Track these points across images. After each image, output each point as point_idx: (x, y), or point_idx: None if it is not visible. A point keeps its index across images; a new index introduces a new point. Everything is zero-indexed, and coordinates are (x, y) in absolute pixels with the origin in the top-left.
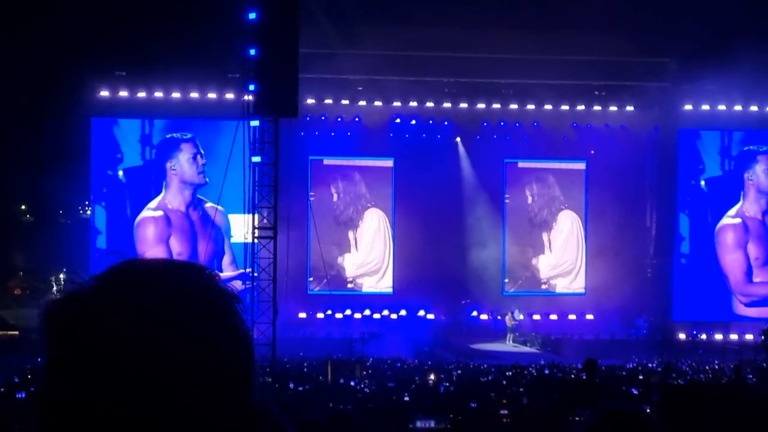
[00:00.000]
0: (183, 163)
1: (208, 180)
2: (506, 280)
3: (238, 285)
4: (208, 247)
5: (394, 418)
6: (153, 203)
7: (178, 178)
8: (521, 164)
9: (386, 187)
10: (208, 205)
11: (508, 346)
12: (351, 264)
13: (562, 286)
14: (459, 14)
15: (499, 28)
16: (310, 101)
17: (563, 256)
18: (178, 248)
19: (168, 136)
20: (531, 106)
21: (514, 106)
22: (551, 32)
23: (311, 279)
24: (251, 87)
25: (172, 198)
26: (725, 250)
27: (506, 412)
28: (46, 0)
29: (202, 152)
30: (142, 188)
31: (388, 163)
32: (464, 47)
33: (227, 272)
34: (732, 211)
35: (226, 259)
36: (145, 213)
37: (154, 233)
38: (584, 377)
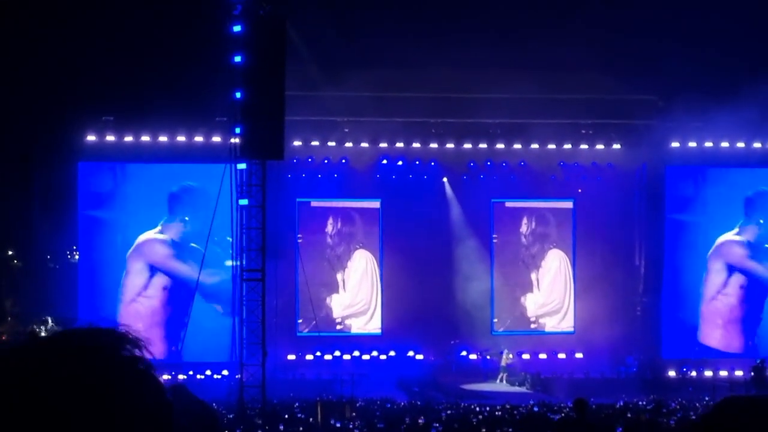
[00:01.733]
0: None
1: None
2: (495, 320)
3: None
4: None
5: None
6: (154, 231)
7: (179, 230)
8: (508, 204)
9: (374, 227)
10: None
11: (500, 385)
12: (339, 305)
13: (550, 325)
14: (444, 55)
15: (486, 69)
16: (297, 143)
17: (551, 295)
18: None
19: (185, 183)
20: (518, 146)
21: (500, 146)
22: (537, 71)
23: (300, 321)
24: (237, 130)
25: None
26: (723, 256)
27: None
28: (33, 45)
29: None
30: (108, 232)
31: (376, 204)
32: (450, 88)
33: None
34: (736, 229)
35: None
36: (150, 234)
37: (153, 254)
38: (574, 416)
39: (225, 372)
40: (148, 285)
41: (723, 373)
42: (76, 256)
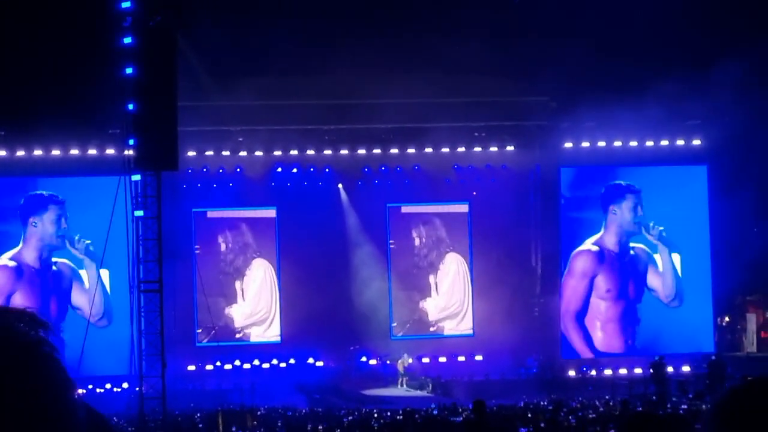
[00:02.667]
0: (46, 223)
1: (64, 246)
2: (394, 324)
3: None
4: (56, 306)
5: None
6: (8, 254)
7: (38, 236)
8: (404, 209)
9: (270, 236)
10: (62, 260)
11: (400, 390)
12: (239, 314)
13: (449, 327)
14: (337, 60)
15: (378, 73)
16: (191, 154)
17: (450, 299)
18: (22, 304)
19: (39, 192)
20: (411, 150)
21: (394, 151)
22: (430, 75)
23: (199, 330)
24: (131, 142)
25: (27, 253)
26: (571, 275)
27: None
28: None
29: (67, 216)
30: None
31: (271, 212)
32: (343, 93)
33: None
34: (592, 239)
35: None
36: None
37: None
38: (473, 418)
39: (125, 385)
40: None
41: (622, 371)
42: None
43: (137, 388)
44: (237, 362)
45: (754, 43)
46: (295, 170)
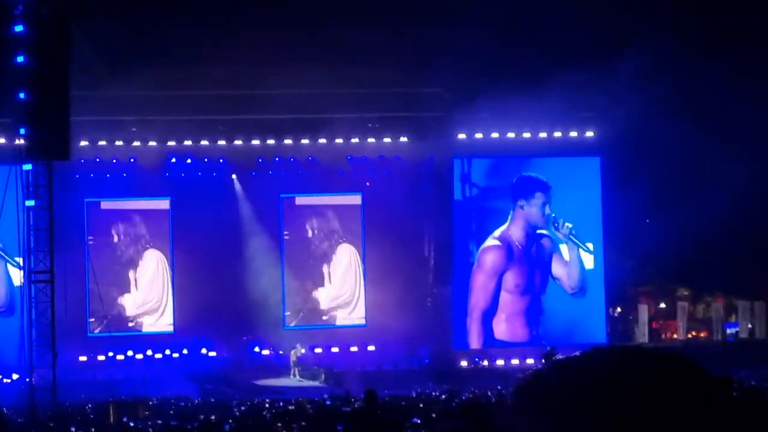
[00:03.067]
0: None
1: None
2: (287, 313)
3: None
4: None
5: None
6: None
7: None
8: (298, 200)
9: (163, 226)
10: None
11: (293, 380)
12: (131, 303)
13: (342, 317)
14: (231, 51)
15: (273, 63)
16: (84, 143)
17: (342, 288)
18: None
19: None
20: (306, 141)
21: (288, 141)
22: (325, 66)
23: (92, 320)
24: (22, 131)
25: None
26: (482, 271)
27: None
28: None
29: None
30: None
31: (165, 202)
32: (237, 84)
33: None
34: (497, 233)
35: None
36: None
37: None
38: (363, 407)
39: (15, 375)
40: None
41: (514, 362)
42: None
43: (27, 379)
44: (129, 353)
45: (649, 37)
46: (189, 161)
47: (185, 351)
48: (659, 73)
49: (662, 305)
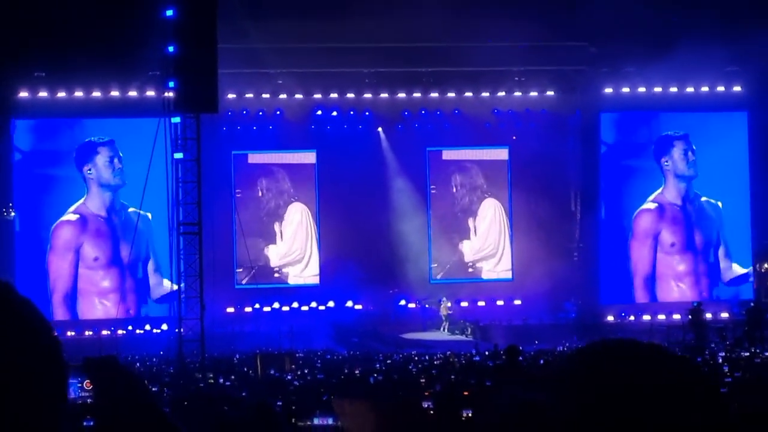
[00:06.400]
0: (100, 167)
1: (125, 183)
2: (434, 265)
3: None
4: (131, 252)
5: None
6: (73, 207)
7: (96, 181)
8: (445, 154)
9: (310, 180)
10: (131, 209)
11: (440, 334)
12: (275, 255)
13: (487, 269)
14: (372, 5)
15: (417, 17)
16: (231, 96)
17: (487, 240)
18: (94, 253)
19: (86, 140)
20: (451, 94)
21: (434, 95)
22: (471, 19)
23: (239, 270)
24: (171, 84)
25: (91, 202)
26: (636, 237)
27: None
28: None
29: (120, 155)
30: (62, 192)
31: (311, 155)
32: (382, 37)
33: (152, 280)
34: (652, 197)
35: (151, 266)
36: (63, 217)
37: (65, 238)
38: (505, 362)
39: (164, 326)
40: (77, 261)
41: (661, 317)
42: (12, 214)
43: (177, 330)
44: (276, 305)
45: None
46: (335, 113)
47: (331, 303)
48: None
49: None
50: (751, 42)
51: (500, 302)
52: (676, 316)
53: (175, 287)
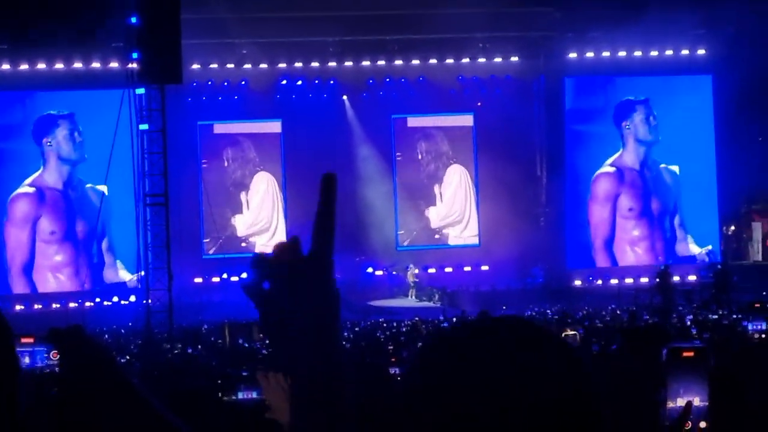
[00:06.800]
0: (60, 140)
1: (85, 158)
2: (400, 232)
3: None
4: (85, 228)
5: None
6: (29, 180)
7: (56, 155)
8: (410, 121)
9: (275, 149)
10: (89, 185)
11: (408, 301)
12: (242, 224)
13: (454, 235)
14: None
15: None
16: (196, 67)
17: (453, 207)
18: (50, 227)
19: (45, 113)
20: (416, 62)
21: (399, 62)
22: None
23: (207, 240)
24: (134, 55)
25: (48, 176)
26: (596, 200)
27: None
28: None
29: (80, 129)
30: (19, 164)
31: (276, 124)
32: (347, 6)
33: (106, 259)
34: (610, 160)
35: (105, 244)
36: (19, 189)
37: (23, 211)
38: None
39: (132, 298)
40: (34, 234)
41: (628, 281)
42: None
43: (144, 301)
44: (244, 275)
45: None
46: (300, 83)
47: None
48: None
49: None
50: (716, 4)
51: (467, 268)
52: (644, 280)
53: (128, 277)
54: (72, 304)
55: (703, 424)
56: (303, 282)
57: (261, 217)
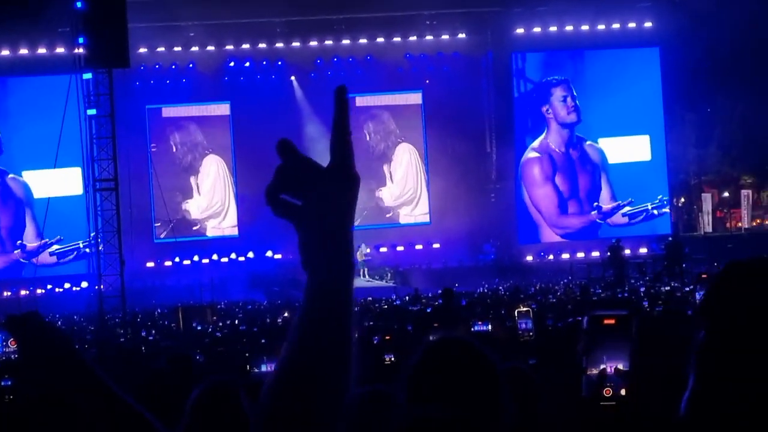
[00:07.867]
0: None
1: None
2: None
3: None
4: (6, 222)
5: (242, 361)
6: None
7: None
8: (359, 101)
9: (224, 131)
10: (11, 176)
11: (361, 281)
12: (195, 208)
13: (404, 214)
14: None
15: None
16: (143, 50)
17: (404, 187)
18: None
19: None
20: (363, 41)
21: (346, 42)
22: None
23: (157, 224)
24: (81, 40)
25: None
26: (533, 184)
27: None
28: None
29: None
30: None
31: (225, 106)
32: None
33: (33, 243)
34: (535, 143)
35: (30, 230)
36: None
37: None
38: (442, 304)
39: (84, 284)
40: None
41: (580, 255)
42: None
43: (96, 287)
44: (195, 258)
45: None
46: (247, 64)
47: (251, 254)
48: None
49: (726, 194)
50: None
51: (419, 246)
52: (596, 254)
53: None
54: (23, 292)
55: (623, 392)
56: (332, 189)
57: (214, 200)
